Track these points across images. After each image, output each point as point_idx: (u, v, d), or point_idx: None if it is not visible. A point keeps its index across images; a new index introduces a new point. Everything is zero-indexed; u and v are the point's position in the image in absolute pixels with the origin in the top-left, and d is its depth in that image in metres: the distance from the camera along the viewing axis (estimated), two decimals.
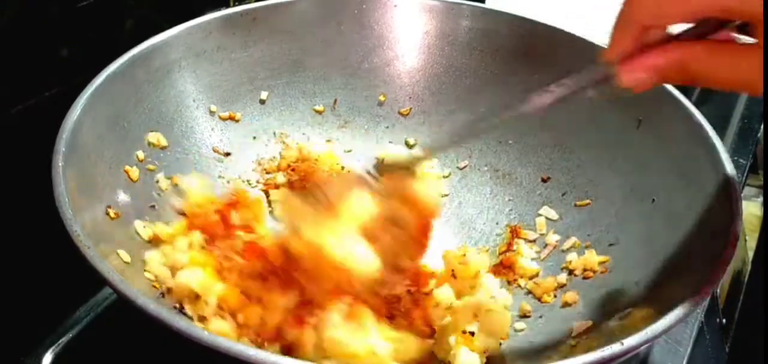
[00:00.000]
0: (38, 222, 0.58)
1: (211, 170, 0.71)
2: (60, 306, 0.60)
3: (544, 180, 0.72)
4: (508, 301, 0.57)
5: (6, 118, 0.76)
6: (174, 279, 0.54)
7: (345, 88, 0.80)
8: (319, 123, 0.80)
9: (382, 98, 0.81)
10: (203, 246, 0.57)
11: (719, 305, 0.75)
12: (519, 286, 0.64)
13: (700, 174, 0.57)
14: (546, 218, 0.70)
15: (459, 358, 0.53)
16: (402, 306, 0.58)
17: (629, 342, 0.41)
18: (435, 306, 0.57)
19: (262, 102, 0.77)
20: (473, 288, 0.58)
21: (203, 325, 0.53)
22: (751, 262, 0.92)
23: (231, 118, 0.75)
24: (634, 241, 0.60)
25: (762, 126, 0.94)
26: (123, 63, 0.64)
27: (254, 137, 0.76)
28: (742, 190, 0.72)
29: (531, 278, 0.64)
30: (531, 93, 0.49)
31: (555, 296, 0.61)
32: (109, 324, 0.59)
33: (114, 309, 0.60)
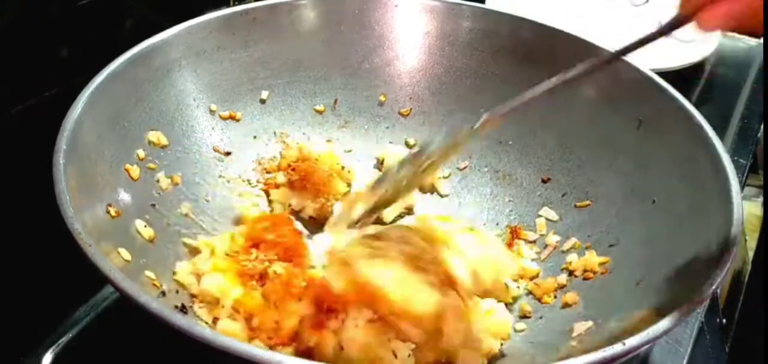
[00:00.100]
0: (38, 222, 0.58)
1: (212, 170, 0.71)
2: (60, 306, 0.60)
3: (545, 181, 0.72)
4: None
5: (6, 118, 0.76)
6: (198, 285, 0.56)
7: (345, 88, 0.80)
8: (320, 123, 0.80)
9: (383, 98, 0.81)
10: (228, 254, 0.58)
11: (719, 305, 0.75)
12: (519, 286, 0.64)
13: (700, 174, 0.58)
14: (546, 219, 0.70)
15: (460, 359, 0.53)
16: None
17: (631, 342, 0.42)
18: None
19: (263, 102, 0.77)
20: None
21: (212, 326, 0.53)
22: (751, 262, 0.92)
23: (231, 117, 0.75)
24: (635, 241, 0.60)
25: (762, 126, 0.94)
26: (123, 62, 0.64)
27: (254, 137, 0.76)
28: (742, 190, 0.72)
29: (531, 279, 0.64)
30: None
31: (555, 297, 0.61)
32: (109, 324, 0.59)
33: (114, 309, 0.60)
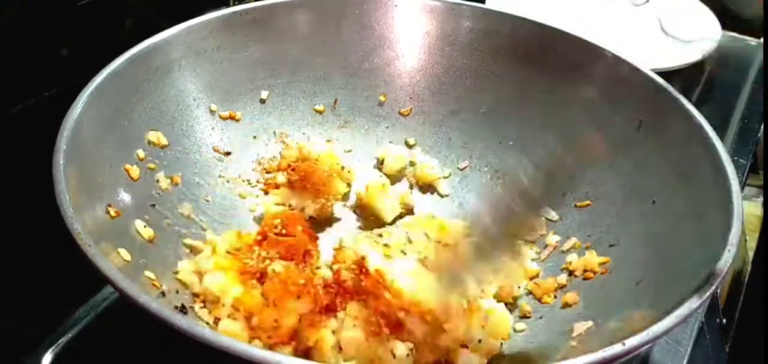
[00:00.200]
0: (38, 222, 0.58)
1: (212, 170, 0.71)
2: (60, 306, 0.60)
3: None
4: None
5: (6, 118, 0.76)
6: (201, 284, 0.56)
7: (345, 88, 0.80)
8: (320, 123, 0.80)
9: (383, 98, 0.81)
10: (229, 252, 0.58)
11: (719, 305, 0.75)
12: (519, 287, 0.64)
13: (700, 174, 0.58)
14: (546, 219, 0.70)
15: (460, 359, 0.53)
16: None
17: (631, 343, 0.42)
18: None
19: (263, 101, 0.77)
20: None
21: (213, 326, 0.53)
22: (751, 262, 0.92)
23: (231, 117, 0.75)
24: (635, 241, 0.60)
25: (762, 126, 0.95)
26: (123, 62, 0.64)
27: (254, 137, 0.76)
28: (742, 190, 0.72)
29: (531, 279, 0.64)
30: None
31: (555, 297, 0.61)
32: (109, 324, 0.59)
33: (114, 309, 0.60)
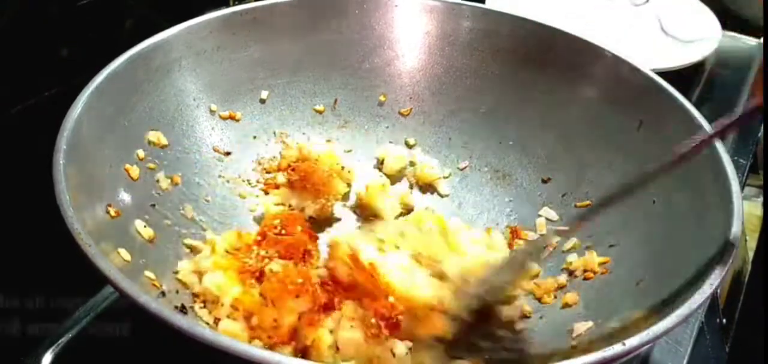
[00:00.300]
0: (38, 222, 0.58)
1: (212, 170, 0.71)
2: (60, 306, 0.60)
3: (545, 181, 0.72)
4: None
5: (6, 118, 0.76)
6: (200, 284, 0.56)
7: (345, 88, 0.80)
8: (320, 123, 0.80)
9: (383, 98, 0.81)
10: (228, 251, 0.59)
11: (719, 305, 0.75)
12: (519, 286, 0.64)
13: (700, 174, 0.58)
14: (546, 219, 0.69)
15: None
16: None
17: (631, 342, 0.42)
18: None
19: (263, 101, 0.77)
20: None
21: (213, 326, 0.53)
22: (751, 262, 0.92)
23: (231, 117, 0.75)
24: (635, 242, 0.60)
25: (762, 126, 0.94)
26: (123, 62, 0.64)
27: (254, 137, 0.76)
28: (742, 190, 0.72)
29: (531, 279, 0.64)
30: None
31: (555, 297, 0.61)
32: (109, 324, 0.59)
33: (114, 309, 0.60)
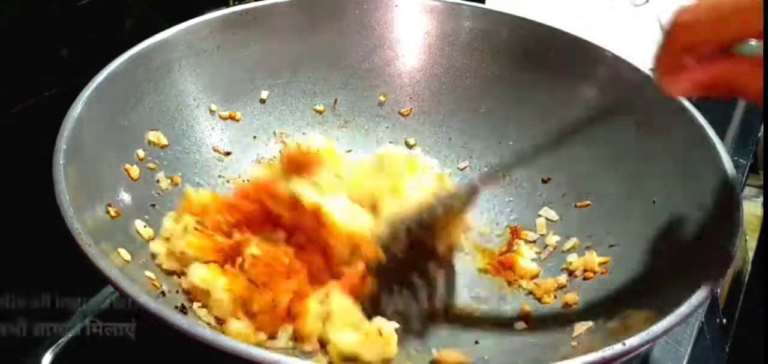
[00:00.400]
0: (38, 222, 0.58)
1: (211, 170, 0.71)
2: (60, 306, 0.60)
3: (545, 181, 0.72)
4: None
5: (6, 118, 0.76)
6: (183, 280, 0.56)
7: (345, 88, 0.80)
8: (319, 123, 0.80)
9: (383, 98, 0.81)
10: (196, 227, 0.57)
11: (719, 305, 0.75)
12: (519, 287, 0.64)
13: (700, 174, 0.58)
14: (546, 219, 0.69)
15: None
16: None
17: (631, 342, 0.42)
18: None
19: (263, 101, 0.77)
20: None
21: (221, 327, 0.53)
22: (751, 262, 0.92)
23: (231, 117, 0.75)
24: (635, 241, 0.60)
25: (762, 126, 0.94)
26: (123, 62, 0.64)
27: (254, 137, 0.76)
28: (742, 190, 0.72)
29: (531, 279, 0.64)
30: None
31: (555, 297, 0.61)
32: (109, 324, 0.59)
33: (114, 309, 0.60)
